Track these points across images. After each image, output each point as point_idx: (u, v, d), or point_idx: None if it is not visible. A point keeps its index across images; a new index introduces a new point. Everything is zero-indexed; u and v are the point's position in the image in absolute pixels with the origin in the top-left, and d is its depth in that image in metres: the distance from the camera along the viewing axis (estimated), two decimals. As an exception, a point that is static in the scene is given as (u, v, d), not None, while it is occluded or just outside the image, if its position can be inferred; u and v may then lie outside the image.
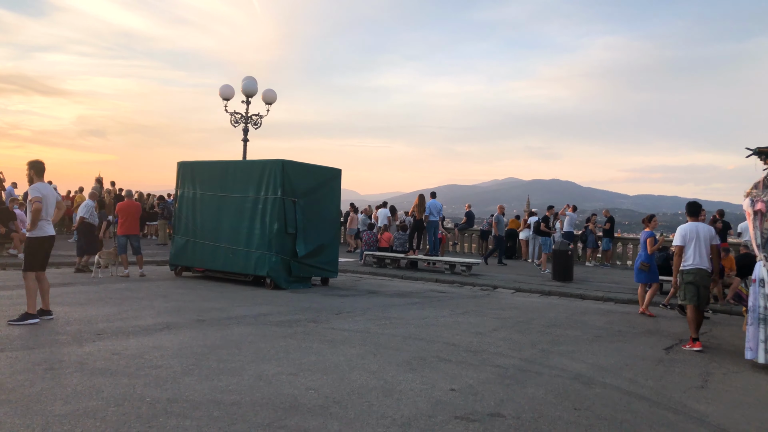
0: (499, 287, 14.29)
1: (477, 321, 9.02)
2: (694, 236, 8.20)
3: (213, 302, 9.68)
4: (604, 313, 10.59)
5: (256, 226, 11.92)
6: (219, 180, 12.66)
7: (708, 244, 8.23)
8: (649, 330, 9.00)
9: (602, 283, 15.33)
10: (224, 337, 7.00)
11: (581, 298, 13.19)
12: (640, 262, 10.88)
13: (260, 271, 11.77)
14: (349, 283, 13.59)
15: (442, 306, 10.47)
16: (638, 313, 10.79)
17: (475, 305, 10.80)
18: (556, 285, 14.52)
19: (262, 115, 19.74)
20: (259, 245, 11.84)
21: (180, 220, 13.34)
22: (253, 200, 12.05)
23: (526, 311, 10.33)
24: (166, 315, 8.29)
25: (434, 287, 13.63)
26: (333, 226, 12.87)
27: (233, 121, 19.58)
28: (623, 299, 12.89)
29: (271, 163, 11.88)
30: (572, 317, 9.89)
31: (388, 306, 10.15)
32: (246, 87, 19.11)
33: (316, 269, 12.45)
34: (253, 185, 12.09)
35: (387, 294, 11.77)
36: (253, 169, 12.15)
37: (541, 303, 11.61)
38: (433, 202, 17.29)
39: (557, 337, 8.00)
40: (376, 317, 8.94)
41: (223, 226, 12.47)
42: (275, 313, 8.95)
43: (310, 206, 12.24)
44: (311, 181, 12.30)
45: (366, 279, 14.81)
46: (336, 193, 12.98)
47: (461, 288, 13.99)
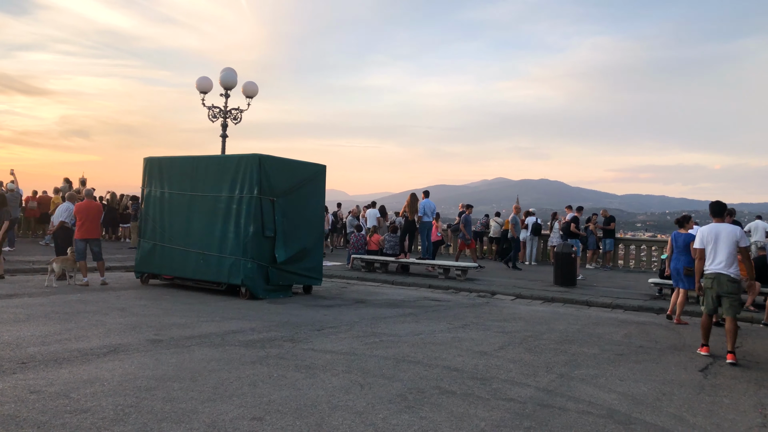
0: (497, 293, 13.17)
1: (479, 336, 7.88)
2: (712, 238, 7.41)
3: (177, 316, 8.46)
4: (618, 324, 9.50)
5: (230, 229, 10.71)
6: (189, 178, 11.43)
7: (732, 246, 7.30)
8: (673, 345, 7.90)
9: (608, 287, 14.27)
10: (180, 364, 5.80)
11: (587, 306, 12.11)
12: (684, 267, 9.82)
13: (234, 279, 10.55)
14: (334, 290, 12.40)
15: (438, 318, 9.32)
16: (674, 323, 9.92)
17: (474, 316, 9.66)
18: (559, 291, 13.43)
19: (243, 109, 18.54)
20: (233, 250, 10.63)
21: (147, 222, 12.08)
22: (226, 200, 10.83)
23: (533, 323, 9.21)
24: (117, 334, 7.06)
25: (428, 294, 12.48)
26: (316, 228, 11.68)
27: (211, 116, 18.37)
28: (633, 306, 11.82)
29: (247, 158, 10.67)
30: (584, 330, 8.78)
31: (378, 319, 8.98)
32: (224, 79, 17.90)
33: (298, 276, 11.26)
34: (226, 183, 10.87)
35: (376, 304, 10.60)
36: (227, 165, 10.93)
37: (546, 312, 10.49)
38: (427, 201, 16.14)
39: (574, 357, 6.88)
40: (364, 334, 7.77)
41: (194, 229, 11.24)
42: (247, 330, 7.75)
43: (291, 206, 11.05)
44: (292, 179, 11.10)
45: (353, 285, 13.63)
46: (320, 192, 11.80)
47: (457, 295, 12.86)
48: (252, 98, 18.71)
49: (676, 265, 9.97)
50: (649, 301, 12.20)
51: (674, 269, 10.04)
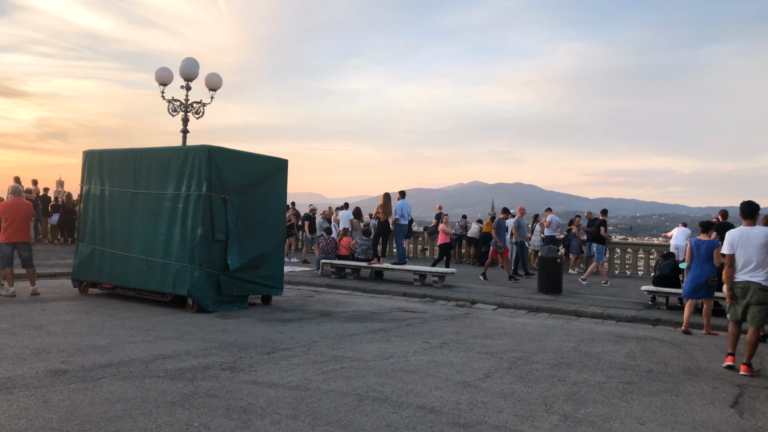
0: (478, 302, 12.00)
1: (460, 359, 6.66)
2: (742, 243, 6.73)
3: (102, 336, 7.08)
4: (616, 340, 8.37)
5: (176, 232, 9.34)
6: (132, 173, 10.02)
7: (765, 251, 6.59)
8: (687, 369, 6.78)
9: (595, 295, 13.20)
10: (72, 408, 4.45)
11: (576, 316, 11.01)
12: (708, 277, 8.91)
13: (180, 289, 9.18)
14: (298, 301, 11.08)
15: (412, 334, 8.08)
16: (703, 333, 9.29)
17: (454, 332, 8.45)
18: (545, 299, 12.32)
19: (205, 103, 17.14)
20: (178, 256, 9.25)
21: (85, 224, 10.63)
22: (172, 198, 9.46)
23: (521, 340, 8.03)
24: (12, 363, 5.67)
25: (402, 304, 11.23)
26: (276, 231, 10.35)
27: (171, 109, 16.92)
28: (626, 317, 10.75)
29: (195, 150, 9.32)
30: (580, 348, 7.62)
31: (342, 337, 7.70)
32: (185, 69, 16.45)
33: (255, 285, 9.92)
34: (172, 179, 9.50)
35: (343, 317, 9.32)
36: (173, 158, 9.55)
37: (533, 326, 9.33)
38: (404, 202, 14.92)
39: (576, 388, 5.70)
40: (323, 357, 6.49)
41: (137, 232, 9.84)
42: (182, 353, 6.42)
43: (247, 206, 9.71)
44: (248, 174, 9.77)
45: (320, 294, 12.32)
46: (281, 190, 10.47)
47: (434, 304, 11.64)
48: (215, 91, 17.32)
49: (698, 275, 8.95)
50: (643, 311, 11.15)
51: (694, 279, 9.04)
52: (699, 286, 9.02)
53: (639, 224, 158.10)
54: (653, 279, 12.03)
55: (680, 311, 11.25)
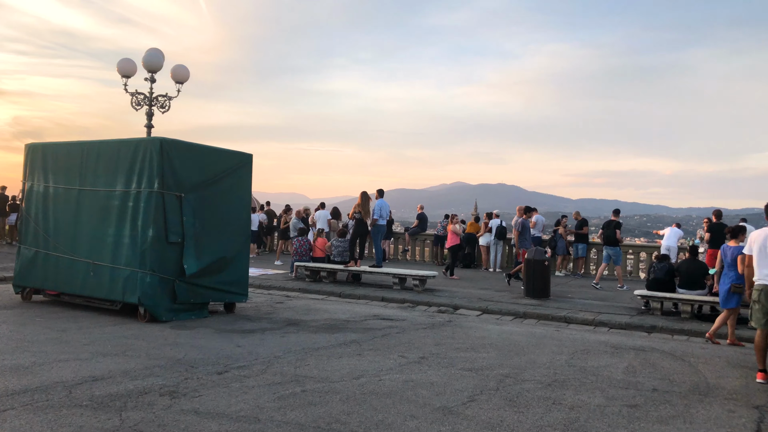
0: (461, 308, 11.21)
1: (441, 378, 5.83)
2: (761, 244, 6.25)
3: (28, 353, 6.13)
4: (612, 351, 7.60)
5: (125, 233, 8.39)
6: (78, 168, 9.04)
7: None
8: (695, 386, 6.02)
9: (584, 299, 12.47)
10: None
11: (566, 323, 10.27)
12: (732, 284, 8.22)
13: (130, 296, 8.23)
14: (265, 307, 10.17)
15: (388, 347, 7.23)
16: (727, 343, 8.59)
17: (434, 342, 7.62)
18: (532, 304, 11.56)
19: (171, 96, 16.14)
20: (128, 260, 8.31)
21: (27, 224, 9.63)
22: (121, 196, 8.51)
23: (508, 352, 7.22)
24: None
25: (379, 311, 10.38)
26: (240, 232, 9.42)
27: (134, 103, 15.92)
28: (620, 323, 10.04)
29: (146, 142, 8.39)
30: (574, 362, 6.84)
31: (309, 351, 6.83)
32: (149, 60, 15.45)
33: (216, 292, 8.99)
34: (121, 175, 8.54)
35: (312, 327, 8.43)
36: (122, 151, 8.60)
37: (521, 335, 8.54)
38: (382, 201, 14.06)
39: (574, 414, 4.90)
40: (283, 378, 5.61)
41: (83, 233, 8.87)
42: (117, 374, 5.50)
43: (205, 204, 8.79)
44: (207, 170, 8.85)
45: (292, 300, 11.42)
46: (244, 187, 9.55)
47: (413, 310, 10.82)
48: (182, 83, 16.36)
49: (723, 282, 8.30)
50: (637, 317, 10.44)
51: (720, 286, 8.40)
52: (729, 294, 8.40)
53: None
54: (647, 283, 11.34)
55: (675, 317, 10.58)
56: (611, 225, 14.60)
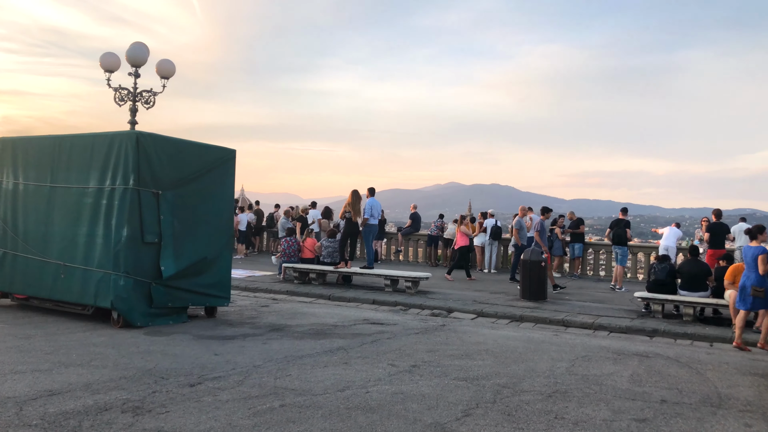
0: (455, 311, 10.77)
1: (433, 389, 5.37)
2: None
3: (-16, 364, 5.63)
4: (615, 357, 7.17)
5: (98, 233, 7.89)
6: (49, 164, 8.53)
7: None
8: (706, 397, 5.59)
9: (582, 301, 12.05)
10: None
11: (564, 326, 9.85)
12: (752, 286, 7.91)
13: (103, 300, 7.74)
14: (249, 311, 9.68)
15: (377, 354, 6.77)
16: (732, 346, 8.26)
17: (427, 349, 7.17)
18: (529, 306, 11.13)
19: (156, 92, 15.62)
20: (101, 261, 7.81)
21: (-4, 223, 9.10)
22: (94, 193, 8.01)
23: (505, 359, 6.77)
24: None
25: (369, 315, 9.91)
26: (222, 231, 8.93)
27: (118, 99, 15.37)
28: (620, 327, 9.62)
29: (121, 136, 7.88)
30: (575, 370, 6.40)
31: (291, 359, 6.35)
32: (133, 54, 14.89)
33: (195, 295, 8.50)
34: (95, 171, 8.05)
35: (298, 332, 7.96)
36: (95, 146, 8.10)
37: (518, 340, 8.10)
38: (373, 200, 13.60)
39: (578, 429, 4.45)
40: (261, 391, 5.14)
41: (54, 233, 8.36)
42: (78, 387, 5.01)
43: (185, 202, 8.31)
44: (187, 166, 8.36)
45: (278, 303, 10.94)
46: (228, 185, 9.07)
47: (406, 314, 10.36)
48: (168, 79, 15.82)
49: (743, 283, 7.90)
50: (637, 320, 10.03)
51: (740, 287, 8.02)
52: (747, 296, 8.02)
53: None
54: (647, 284, 10.92)
55: (677, 320, 10.17)
56: (621, 224, 14.16)
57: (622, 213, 14.67)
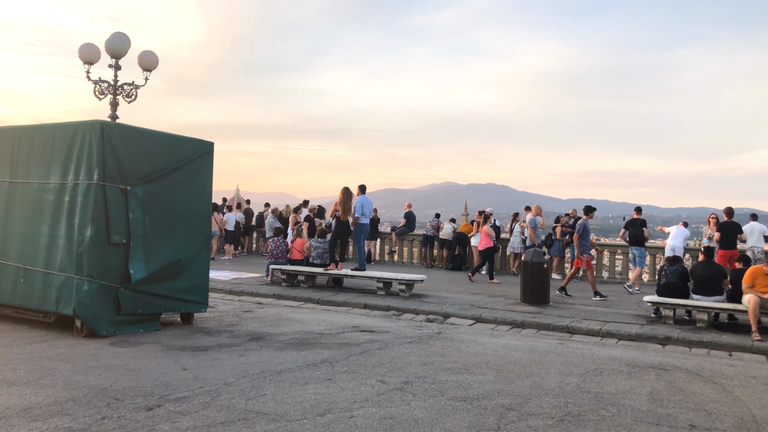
0: (451, 316, 10.08)
1: (428, 413, 4.68)
2: None
3: None
4: (629, 371, 6.49)
5: (60, 233, 7.18)
6: (9, 158, 7.81)
7: None
8: (740, 420, 4.91)
9: (586, 306, 11.38)
10: None
11: (569, 333, 9.18)
12: None
13: (65, 307, 7.01)
14: (229, 317, 8.97)
15: (366, 368, 6.07)
16: None
17: (421, 361, 6.47)
18: (530, 311, 10.45)
19: (139, 85, 14.89)
20: (63, 264, 7.09)
21: (-46, 222, 8.35)
22: (56, 189, 7.30)
23: (508, 373, 6.09)
24: None
25: (360, 321, 9.21)
26: (199, 231, 8.22)
27: (98, 92, 14.63)
28: (630, 334, 8.94)
29: (84, 127, 7.16)
30: (587, 386, 5.72)
31: (269, 375, 5.65)
32: (112, 45, 14.16)
33: (169, 300, 7.79)
34: (56, 165, 7.33)
35: (279, 342, 7.25)
36: (57, 138, 7.38)
37: (521, 349, 7.42)
38: (364, 198, 12.88)
39: (600, 467, 3.77)
40: (229, 415, 4.44)
41: (13, 233, 7.64)
42: (16, 412, 4.30)
43: (158, 199, 7.59)
44: (159, 160, 7.64)
45: (263, 308, 10.23)
46: (205, 180, 8.34)
47: (399, 320, 9.67)
48: (150, 71, 15.11)
49: None
50: (648, 327, 9.36)
51: None
52: None
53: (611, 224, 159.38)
54: (657, 288, 10.24)
55: (690, 326, 9.50)
56: (637, 223, 13.46)
57: (636, 212, 13.93)
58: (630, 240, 13.50)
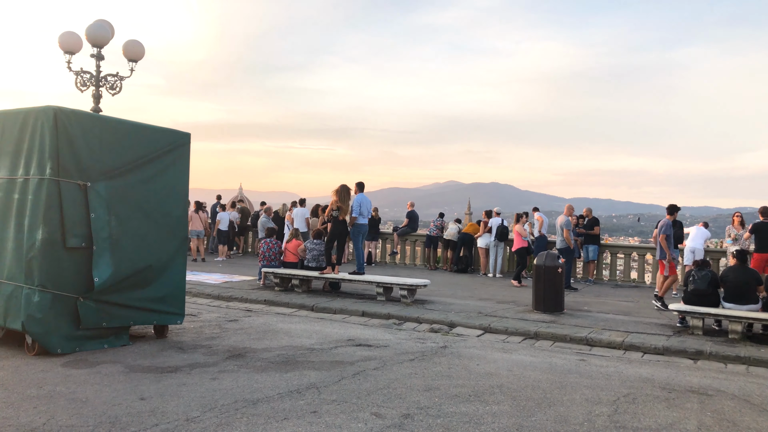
0: (458, 325, 9.18)
1: (432, 462, 3.75)
2: None
3: None
4: (666, 397, 5.55)
5: (8, 236, 6.27)
6: (-42, 150, 6.90)
7: None
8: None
9: (603, 313, 10.45)
10: None
11: (588, 345, 8.27)
12: None
13: (13, 321, 6.10)
14: (211, 328, 8.05)
15: (358, 396, 5.14)
16: None
17: (424, 385, 5.54)
18: (543, 320, 9.52)
19: (123, 76, 14.01)
20: (11, 272, 6.19)
21: None
22: (4, 185, 6.39)
23: (525, 401, 5.15)
24: None
25: (356, 332, 8.29)
26: (174, 233, 7.28)
27: (79, 84, 13.75)
28: (656, 347, 8.02)
29: (36, 113, 6.23)
30: (621, 418, 4.78)
31: (242, 406, 4.72)
32: (93, 33, 13.28)
33: (139, 312, 6.86)
34: (5, 158, 6.42)
35: (261, 360, 6.32)
36: (6, 126, 6.45)
37: (539, 368, 6.48)
38: (362, 197, 11.95)
39: None
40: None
41: (-38, 235, 6.72)
42: None
43: (124, 197, 6.67)
44: (126, 152, 6.72)
45: (251, 316, 9.31)
46: (180, 176, 7.40)
47: (400, 330, 8.75)
48: (136, 62, 14.21)
49: None
50: (675, 338, 8.42)
51: None
52: None
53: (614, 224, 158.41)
54: (685, 295, 9.28)
55: (722, 338, 8.55)
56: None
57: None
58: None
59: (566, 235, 13.01)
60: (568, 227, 13.04)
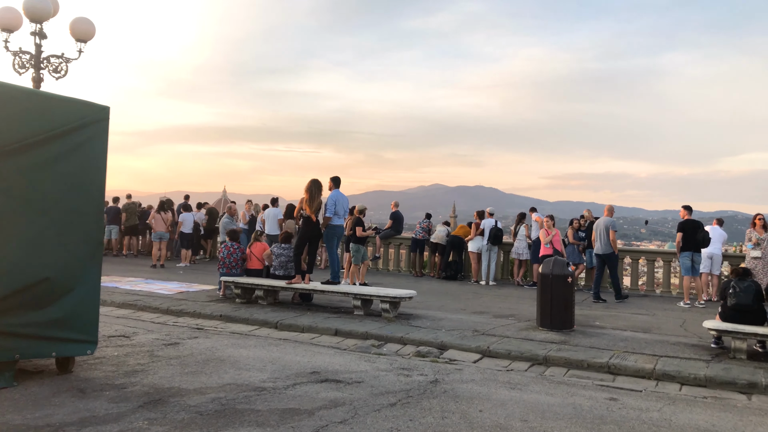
0: (450, 347, 7.59)
1: None
2: None
3: None
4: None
5: None
6: None
7: None
8: None
9: (620, 330, 8.88)
10: None
11: (611, 374, 6.73)
12: None
13: None
14: (138, 356, 6.32)
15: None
16: None
17: (409, 451, 3.90)
18: (552, 340, 7.93)
19: (70, 58, 12.24)
20: None
21: None
22: None
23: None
24: None
25: (324, 360, 6.61)
26: (83, 236, 5.55)
27: (18, 66, 11.99)
28: (696, 377, 6.48)
29: None
30: None
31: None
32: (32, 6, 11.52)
33: (30, 341, 5.13)
34: None
35: (186, 411, 4.62)
36: None
37: (560, 415, 4.87)
38: (338, 193, 10.24)
39: None
40: None
41: None
42: None
43: (11, 189, 4.96)
44: (16, 125, 5.00)
45: (197, 338, 7.60)
46: (95, 161, 5.67)
47: (379, 356, 7.10)
48: (85, 42, 12.45)
49: None
50: (715, 364, 6.88)
51: None
52: None
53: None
54: (722, 310, 7.72)
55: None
56: (700, 226, 11.05)
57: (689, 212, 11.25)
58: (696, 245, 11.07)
59: (612, 238, 11.49)
60: (614, 228, 11.55)
